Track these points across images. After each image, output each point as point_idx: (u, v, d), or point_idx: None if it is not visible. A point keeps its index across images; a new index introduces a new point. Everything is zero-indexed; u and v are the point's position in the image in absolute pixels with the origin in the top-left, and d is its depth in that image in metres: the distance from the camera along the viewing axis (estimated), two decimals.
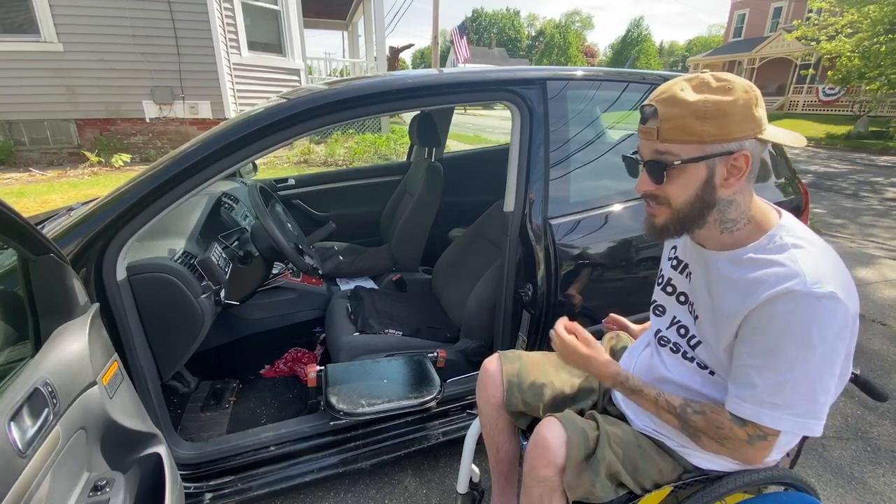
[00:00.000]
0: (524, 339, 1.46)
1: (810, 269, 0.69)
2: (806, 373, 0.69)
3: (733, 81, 0.70)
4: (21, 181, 5.62)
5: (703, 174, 0.73)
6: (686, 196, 0.75)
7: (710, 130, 0.70)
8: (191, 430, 1.59)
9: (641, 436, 0.95)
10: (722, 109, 0.69)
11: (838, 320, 0.68)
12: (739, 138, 0.70)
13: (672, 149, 0.73)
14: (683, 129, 0.71)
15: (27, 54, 5.89)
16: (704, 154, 0.71)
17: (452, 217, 2.52)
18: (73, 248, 1.11)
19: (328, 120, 1.28)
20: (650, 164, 0.76)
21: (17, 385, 0.70)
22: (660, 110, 0.73)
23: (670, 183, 0.75)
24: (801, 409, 0.71)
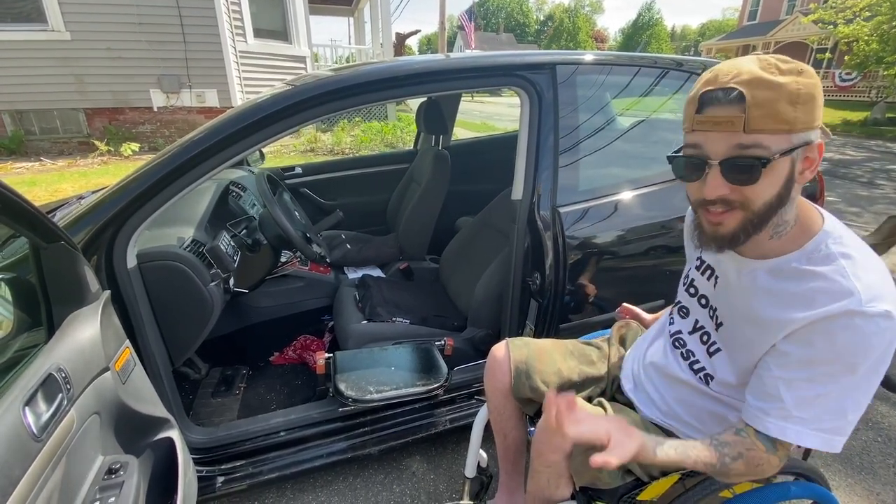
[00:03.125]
0: (531, 328, 1.46)
1: (865, 286, 0.62)
2: (841, 389, 0.64)
3: (799, 63, 0.61)
4: (32, 170, 5.69)
5: (787, 169, 0.63)
6: (769, 195, 0.64)
7: (801, 117, 0.60)
8: (202, 416, 1.62)
9: (650, 423, 0.95)
10: (811, 93, 0.60)
11: (887, 339, 0.62)
12: (818, 126, 0.63)
13: (762, 140, 0.61)
14: (776, 115, 0.60)
15: (35, 43, 5.91)
16: (792, 145, 0.61)
17: (460, 205, 2.50)
18: (84, 236, 1.12)
19: (334, 107, 1.27)
20: (733, 163, 0.63)
21: (32, 371, 0.71)
22: (748, 94, 0.60)
23: (757, 183, 0.63)
24: (827, 424, 0.66)
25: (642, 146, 1.65)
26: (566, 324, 1.45)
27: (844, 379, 0.64)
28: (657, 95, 1.65)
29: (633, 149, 1.63)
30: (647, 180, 1.51)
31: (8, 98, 6.11)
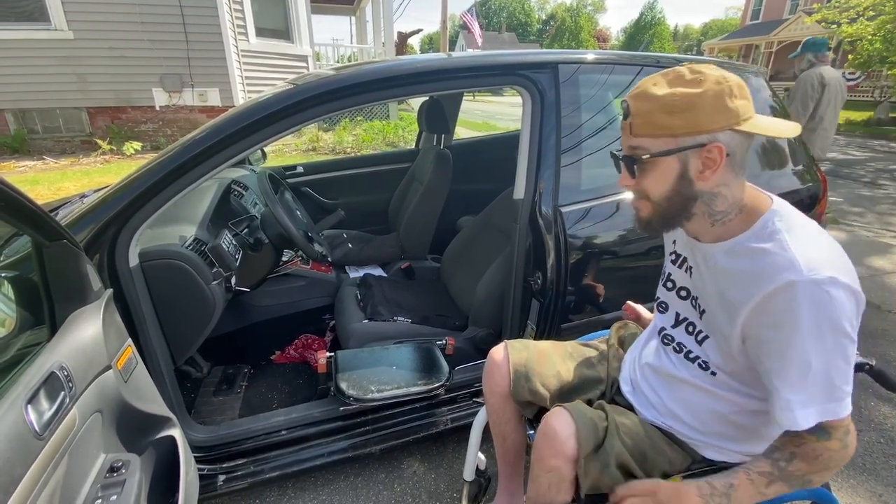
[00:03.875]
0: (533, 328, 1.46)
1: (804, 256, 0.67)
2: (823, 363, 0.67)
3: (706, 73, 0.69)
4: (35, 169, 5.70)
5: (676, 168, 0.72)
6: (662, 190, 0.75)
7: (679, 123, 0.69)
8: (204, 414, 1.62)
9: (651, 426, 0.94)
10: (690, 102, 0.68)
11: (840, 302, 0.65)
12: (711, 130, 0.69)
13: (644, 143, 0.73)
14: (653, 123, 0.71)
15: (38, 42, 5.92)
16: (676, 147, 0.71)
17: (461, 205, 2.50)
18: (86, 235, 1.12)
19: (336, 106, 1.27)
20: (625, 159, 0.77)
21: (34, 369, 0.71)
22: (632, 105, 0.73)
23: (645, 177, 0.75)
24: (822, 397, 0.68)
25: None
26: (567, 323, 1.44)
27: (822, 353, 0.67)
28: None
29: None
30: None
31: (11, 97, 6.13)
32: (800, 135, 0.84)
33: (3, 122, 6.30)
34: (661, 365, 0.94)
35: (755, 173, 1.63)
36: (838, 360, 0.67)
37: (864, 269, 3.25)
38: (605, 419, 0.92)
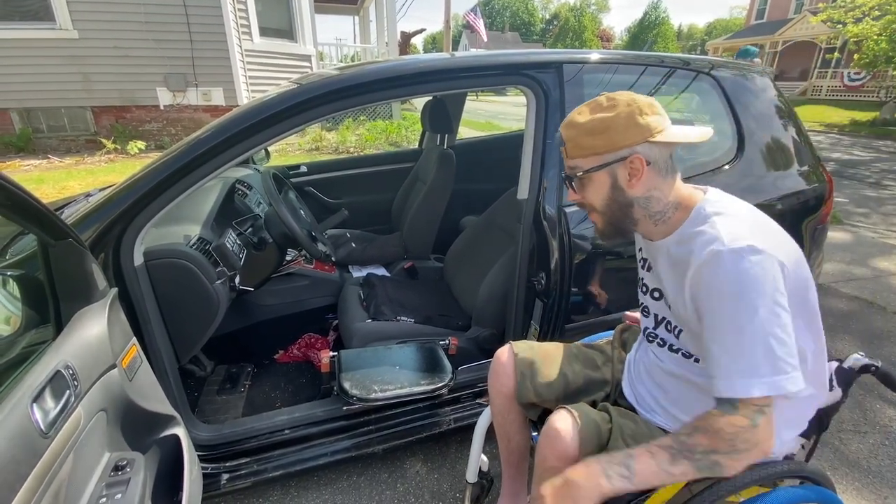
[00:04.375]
0: (536, 328, 1.45)
1: (728, 230, 0.75)
2: (755, 331, 0.70)
3: (618, 99, 0.82)
4: (40, 168, 5.73)
5: (607, 180, 0.84)
6: (601, 200, 0.87)
7: (601, 143, 0.82)
8: (207, 413, 1.62)
9: (655, 428, 0.94)
10: (605, 124, 0.81)
11: (765, 268, 0.71)
12: (628, 145, 0.80)
13: (578, 163, 0.86)
14: (580, 145, 0.84)
15: (43, 41, 5.95)
16: (602, 162, 0.83)
17: (464, 205, 2.50)
18: (92, 234, 1.12)
19: (340, 106, 1.27)
20: (566, 178, 0.90)
21: (40, 368, 0.71)
22: (563, 134, 0.88)
23: (584, 191, 0.88)
24: (765, 369, 0.70)
25: None
26: (571, 324, 1.44)
27: (749, 317, 0.70)
28: (664, 95, 1.64)
29: None
30: None
31: (16, 96, 6.17)
32: None
33: (8, 121, 6.34)
34: (651, 362, 0.97)
35: (760, 174, 1.62)
36: (775, 329, 0.70)
37: (869, 271, 3.23)
38: (608, 421, 0.92)
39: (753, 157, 1.61)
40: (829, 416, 0.94)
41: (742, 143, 1.60)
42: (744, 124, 1.61)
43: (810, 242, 1.71)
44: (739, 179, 1.58)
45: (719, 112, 1.63)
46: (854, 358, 0.90)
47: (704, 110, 1.73)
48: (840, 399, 0.92)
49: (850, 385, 0.91)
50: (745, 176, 1.59)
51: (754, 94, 1.69)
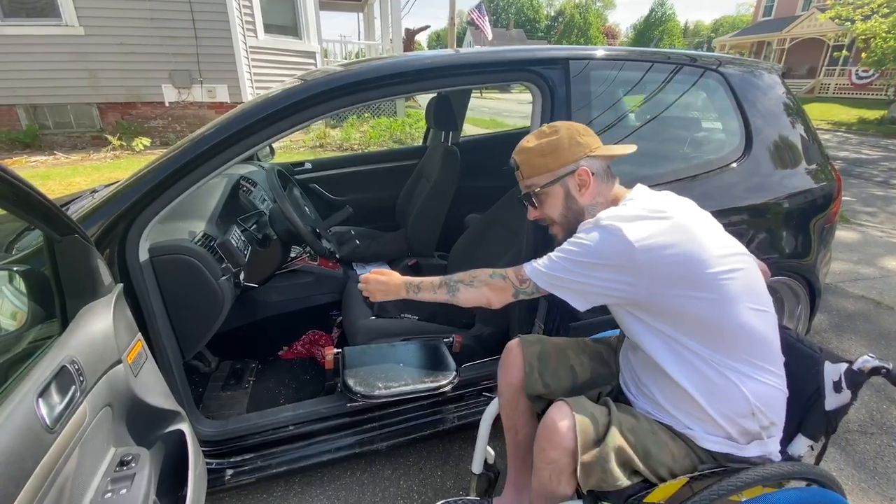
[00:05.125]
0: (541, 326, 1.45)
1: (605, 214, 0.93)
2: (559, 254, 0.95)
3: (558, 126, 1.02)
4: (46, 164, 5.77)
5: (560, 192, 1.01)
6: (558, 211, 1.03)
7: (551, 161, 1.00)
8: (212, 409, 1.63)
9: (656, 423, 0.95)
10: (553, 145, 0.99)
11: (605, 241, 0.89)
12: (575, 160, 0.99)
13: (533, 181, 1.04)
14: (533, 165, 1.02)
15: (49, 38, 5.98)
16: (555, 177, 1.01)
17: (469, 202, 2.48)
18: (98, 230, 1.13)
19: (344, 102, 1.26)
20: (525, 196, 1.07)
21: (45, 363, 0.72)
22: (517, 159, 1.05)
23: (543, 206, 1.04)
24: (538, 262, 0.98)
25: (653, 144, 1.63)
26: (576, 322, 1.43)
27: (564, 248, 0.95)
28: (670, 92, 1.63)
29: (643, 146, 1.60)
30: (657, 178, 1.49)
31: (23, 92, 6.20)
32: None
33: (14, 117, 6.38)
34: (627, 353, 1.08)
35: (767, 173, 1.61)
36: (565, 263, 0.93)
37: (877, 270, 3.20)
38: (606, 414, 0.93)
39: (761, 156, 1.59)
40: (837, 418, 0.94)
41: (750, 140, 1.58)
42: (751, 122, 1.59)
43: (818, 241, 1.69)
44: (746, 178, 1.56)
45: (727, 109, 1.62)
46: (864, 360, 0.89)
47: (712, 107, 1.72)
48: (849, 401, 0.91)
49: (860, 387, 0.90)
50: (752, 174, 1.57)
51: (762, 91, 1.67)
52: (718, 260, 0.87)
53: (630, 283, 0.87)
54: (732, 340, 0.88)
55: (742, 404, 0.88)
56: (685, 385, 0.90)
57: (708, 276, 0.86)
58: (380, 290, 1.17)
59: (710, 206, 1.03)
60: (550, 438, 0.89)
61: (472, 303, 1.08)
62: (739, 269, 0.89)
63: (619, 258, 0.87)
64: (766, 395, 0.89)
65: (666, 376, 0.93)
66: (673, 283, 0.86)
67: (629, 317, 0.96)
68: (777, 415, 0.92)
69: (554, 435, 0.89)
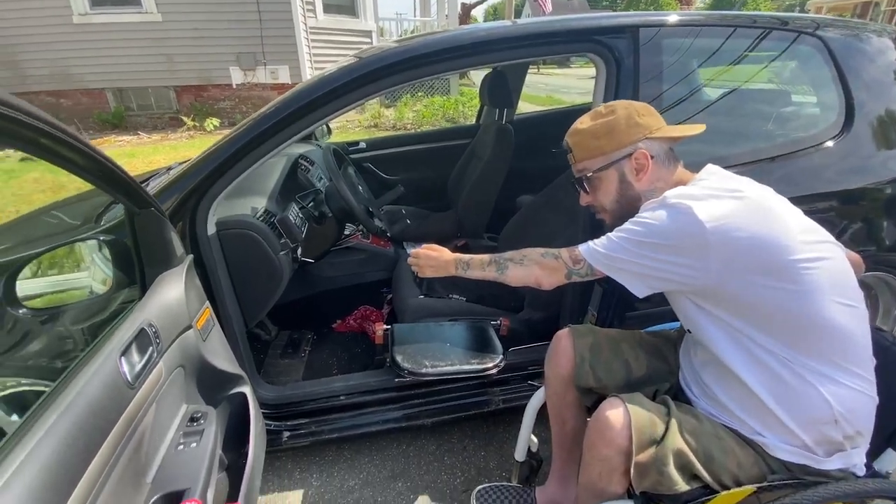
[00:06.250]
0: (594, 314, 1.39)
1: (672, 192, 0.86)
2: (619, 233, 0.88)
3: (615, 105, 0.95)
4: (131, 144, 6.32)
5: (615, 177, 0.96)
6: (611, 197, 0.98)
7: (606, 143, 0.94)
8: (272, 374, 1.74)
9: (721, 426, 0.88)
10: (608, 126, 0.93)
11: (675, 219, 0.81)
12: (632, 142, 0.92)
13: (586, 165, 0.98)
14: (586, 148, 0.97)
15: (132, 25, 6.46)
16: (609, 161, 0.95)
17: (521, 183, 2.41)
18: (172, 204, 1.21)
19: (398, 79, 1.25)
20: (577, 181, 1.02)
21: (127, 325, 0.79)
22: (569, 141, 1.00)
23: (595, 191, 0.99)
24: (595, 241, 0.92)
25: (730, 121, 1.48)
26: (633, 312, 1.36)
27: (624, 230, 0.89)
28: (754, 61, 1.46)
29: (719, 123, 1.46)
30: (733, 159, 1.36)
31: (110, 77, 6.78)
32: None
33: (104, 100, 7.01)
34: (689, 348, 1.01)
35: (868, 154, 1.41)
36: (623, 243, 0.87)
37: None
38: (666, 414, 0.87)
39: (863, 133, 1.39)
40: None
41: (851, 116, 1.39)
42: (854, 94, 1.39)
43: None
44: (842, 159, 1.38)
45: (824, 79, 1.42)
46: None
47: (804, 78, 1.52)
48: None
49: None
50: (849, 155, 1.38)
51: (870, 58, 1.45)
52: (802, 246, 0.78)
53: (698, 267, 0.80)
54: (814, 338, 0.79)
55: (822, 410, 0.79)
56: (756, 387, 0.83)
57: (789, 264, 0.77)
58: (429, 265, 1.16)
59: (794, 192, 0.93)
60: (603, 435, 0.85)
61: (520, 282, 1.04)
62: (826, 259, 0.79)
63: (688, 239, 0.79)
64: (851, 401, 0.79)
65: (733, 376, 0.85)
66: (747, 270, 0.78)
67: (692, 307, 0.89)
68: (864, 424, 0.82)
69: (607, 431, 0.85)
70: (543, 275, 1.00)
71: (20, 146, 0.61)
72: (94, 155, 0.72)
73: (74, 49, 6.49)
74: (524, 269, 1.02)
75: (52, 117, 0.61)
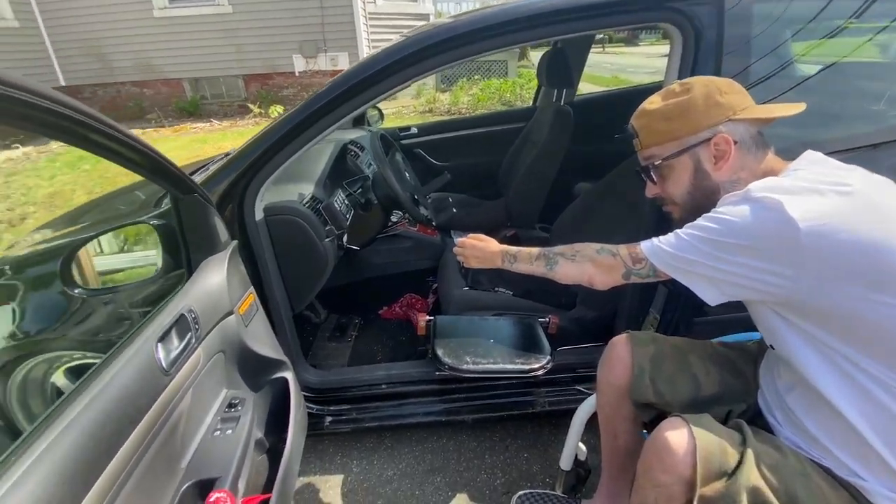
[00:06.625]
0: (656, 317, 1.26)
1: (758, 184, 0.72)
2: (691, 230, 0.76)
3: (692, 82, 0.82)
4: (204, 130, 6.75)
5: (689, 165, 0.83)
6: (682, 189, 0.85)
7: (679, 126, 0.81)
8: (319, 357, 1.77)
9: (808, 462, 0.74)
10: (682, 106, 0.80)
11: (761, 217, 0.68)
12: (711, 125, 0.79)
13: (654, 151, 0.86)
14: (655, 132, 0.84)
15: (206, 17, 6.85)
16: (683, 147, 0.82)
17: (579, 169, 2.26)
18: (223, 188, 1.23)
19: (448, 57, 1.17)
20: (643, 170, 0.89)
21: (168, 310, 0.79)
22: (635, 124, 0.88)
23: (665, 181, 0.87)
24: (661, 239, 0.80)
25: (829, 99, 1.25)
26: (703, 317, 1.21)
27: (699, 223, 0.76)
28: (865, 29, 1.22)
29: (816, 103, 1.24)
30: (829, 144, 1.15)
31: (187, 67, 7.26)
32: None
33: (181, 90, 7.53)
34: (771, 365, 0.88)
35: None
36: (691, 230, 0.77)
37: None
38: (740, 443, 0.75)
39: None
40: None
41: None
42: None
43: None
44: None
45: None
46: None
47: None
48: None
49: None
50: None
51: None
52: None
53: (787, 275, 0.67)
54: None
55: None
56: (855, 419, 0.69)
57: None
58: (475, 255, 1.11)
59: None
60: (662, 459, 0.75)
61: (571, 279, 0.95)
62: None
63: (775, 241, 0.67)
64: None
65: (826, 404, 0.71)
66: (850, 281, 0.64)
67: (776, 319, 0.75)
68: None
69: (667, 456, 0.74)
70: (597, 273, 0.90)
71: (71, 140, 0.61)
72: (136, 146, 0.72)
73: (155, 42, 7.00)
74: (576, 266, 0.92)
75: (98, 113, 0.62)
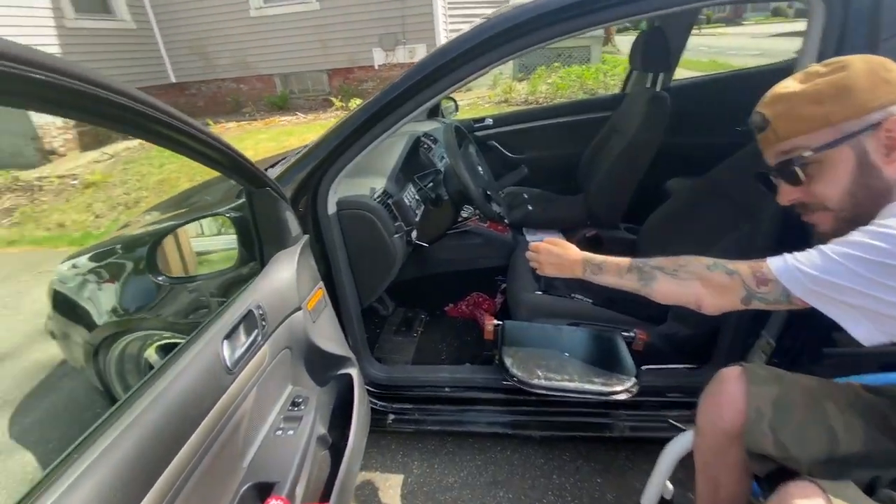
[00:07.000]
0: (770, 342, 1.05)
1: None
2: (845, 247, 0.62)
3: (845, 60, 0.68)
4: (291, 123, 7.18)
5: (850, 157, 0.67)
6: (841, 188, 0.68)
7: (835, 109, 0.66)
8: (385, 350, 1.77)
9: None
10: (840, 85, 0.66)
11: None
12: (881, 105, 0.64)
13: (797, 142, 0.70)
14: (800, 118, 0.68)
15: (295, 15, 7.24)
16: (841, 135, 0.66)
17: (672, 163, 2.01)
18: (298, 182, 1.23)
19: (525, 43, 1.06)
20: (779, 169, 0.73)
21: (237, 305, 0.79)
22: (767, 113, 0.72)
23: (813, 181, 0.71)
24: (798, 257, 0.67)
25: None
26: (833, 348, 0.99)
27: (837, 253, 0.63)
28: None
29: None
30: None
31: (278, 63, 7.76)
32: None
33: (272, 85, 8.07)
34: None
35: None
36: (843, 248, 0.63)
37: None
38: None
39: None
40: None
41: None
42: None
43: None
44: None
45: None
46: None
47: None
48: None
49: None
50: None
51: None
52: None
53: None
54: None
55: None
56: None
57: None
58: (551, 263, 0.99)
59: None
60: None
61: (672, 300, 0.82)
62: None
63: None
64: None
65: None
66: None
67: None
68: None
69: None
70: (708, 295, 0.75)
71: (152, 139, 0.62)
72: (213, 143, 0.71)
73: (251, 39, 7.55)
74: (679, 284, 0.78)
75: (176, 110, 0.61)
